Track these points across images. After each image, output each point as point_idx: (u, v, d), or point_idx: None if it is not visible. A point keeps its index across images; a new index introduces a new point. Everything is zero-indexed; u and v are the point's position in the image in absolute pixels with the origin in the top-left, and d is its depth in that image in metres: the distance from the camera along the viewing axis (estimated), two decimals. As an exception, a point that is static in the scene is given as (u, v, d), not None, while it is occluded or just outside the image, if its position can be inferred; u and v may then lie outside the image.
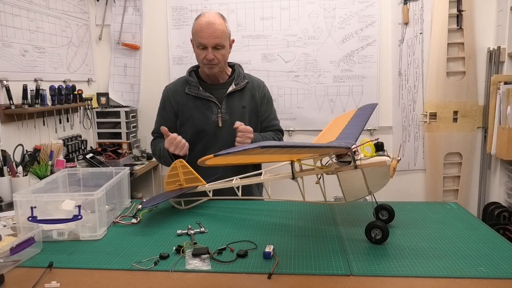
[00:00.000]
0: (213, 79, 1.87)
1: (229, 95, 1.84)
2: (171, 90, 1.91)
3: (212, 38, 1.73)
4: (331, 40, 3.09)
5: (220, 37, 1.74)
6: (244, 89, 1.88)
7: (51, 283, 0.99)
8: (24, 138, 2.31)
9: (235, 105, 1.84)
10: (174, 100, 1.88)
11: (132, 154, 3.09)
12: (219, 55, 1.77)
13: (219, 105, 1.83)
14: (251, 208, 1.53)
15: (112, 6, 3.20)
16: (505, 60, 2.85)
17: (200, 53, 1.77)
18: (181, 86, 1.89)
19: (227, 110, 1.83)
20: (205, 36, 1.73)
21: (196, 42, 1.78)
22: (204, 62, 1.78)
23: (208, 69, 1.80)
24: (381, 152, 1.23)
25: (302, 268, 1.04)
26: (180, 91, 1.88)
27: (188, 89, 1.85)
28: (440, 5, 2.95)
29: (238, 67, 1.93)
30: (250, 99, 1.88)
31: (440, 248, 1.15)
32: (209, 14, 1.78)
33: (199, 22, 1.76)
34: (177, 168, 1.51)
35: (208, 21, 1.73)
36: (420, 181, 3.19)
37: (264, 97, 1.93)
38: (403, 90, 3.11)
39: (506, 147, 2.71)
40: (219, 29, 1.74)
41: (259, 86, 1.94)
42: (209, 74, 1.83)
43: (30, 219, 1.23)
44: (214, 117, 1.82)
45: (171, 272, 1.04)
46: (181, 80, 1.93)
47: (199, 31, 1.74)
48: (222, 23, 1.76)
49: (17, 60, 2.31)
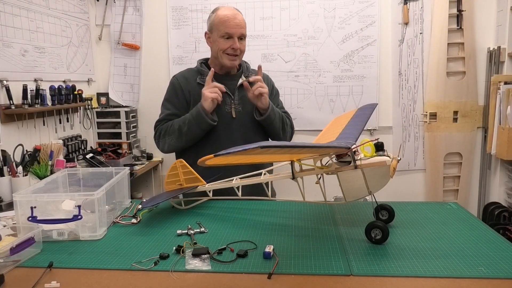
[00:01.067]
0: (224, 71, 1.88)
1: (240, 87, 1.85)
2: (182, 78, 1.88)
3: (239, 28, 1.77)
4: (331, 40, 3.09)
5: (244, 27, 1.80)
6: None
7: (51, 283, 0.99)
8: (24, 138, 2.31)
9: (247, 97, 1.83)
10: (186, 89, 1.85)
11: (132, 154, 3.09)
12: (242, 46, 1.81)
13: (232, 96, 1.83)
14: (251, 208, 1.53)
15: (112, 6, 3.20)
16: (505, 60, 2.85)
17: (225, 43, 1.78)
18: (192, 76, 1.88)
19: (239, 101, 1.83)
20: (232, 26, 1.76)
21: (220, 32, 1.78)
22: (227, 51, 1.79)
23: (230, 61, 1.81)
24: (381, 152, 1.23)
25: (302, 268, 1.04)
26: (192, 81, 1.86)
27: (200, 79, 1.84)
28: (440, 5, 2.95)
29: (244, 62, 1.96)
30: None
31: (440, 248, 1.14)
32: (229, 7, 1.83)
33: (223, 13, 1.78)
34: (177, 168, 1.51)
35: (233, 12, 1.78)
36: (420, 181, 3.19)
37: (272, 88, 1.97)
38: (403, 90, 3.11)
39: (506, 147, 2.71)
40: (243, 21, 1.80)
41: (266, 79, 1.97)
42: (229, 66, 1.84)
43: (30, 219, 1.23)
44: (228, 108, 1.82)
45: (171, 272, 1.04)
46: (191, 70, 1.92)
47: (226, 21, 1.76)
48: (242, 16, 1.82)
49: (17, 60, 2.31)
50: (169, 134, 1.80)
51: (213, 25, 1.81)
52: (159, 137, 1.85)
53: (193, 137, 1.76)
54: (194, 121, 1.72)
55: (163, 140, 1.83)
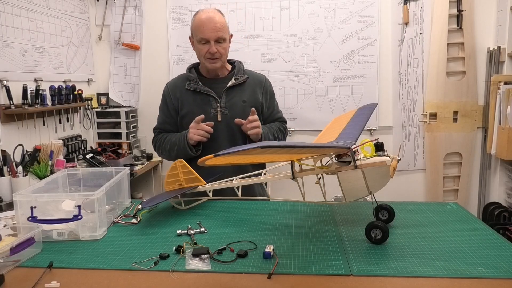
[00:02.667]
0: (213, 74, 1.88)
1: (229, 89, 1.84)
2: (171, 86, 1.93)
3: (214, 32, 1.75)
4: (331, 40, 3.09)
5: (221, 30, 1.77)
6: (244, 84, 1.89)
7: (51, 283, 0.99)
8: (24, 138, 2.31)
9: (235, 99, 1.84)
10: (174, 96, 1.89)
11: (132, 154, 3.09)
12: (221, 49, 1.79)
13: (218, 99, 1.83)
14: (251, 208, 1.53)
15: (112, 6, 3.20)
16: (505, 60, 2.85)
17: (202, 48, 1.78)
18: (181, 82, 1.90)
19: (226, 104, 1.83)
20: (207, 31, 1.74)
21: (197, 38, 1.79)
22: (206, 56, 1.79)
23: (211, 64, 1.81)
24: (381, 152, 1.23)
25: (302, 268, 1.04)
26: (180, 87, 1.89)
27: (188, 84, 1.86)
28: (440, 5, 2.95)
29: (239, 63, 1.95)
30: (251, 94, 1.88)
31: (440, 248, 1.14)
32: (208, 10, 1.81)
33: (199, 17, 1.78)
34: (177, 168, 1.51)
35: (208, 16, 1.76)
36: (420, 181, 3.19)
37: (266, 93, 1.95)
38: (403, 90, 3.11)
39: (506, 147, 2.71)
40: (220, 23, 1.77)
41: (261, 81, 1.94)
42: (211, 69, 1.84)
43: (30, 219, 1.23)
44: (213, 112, 1.82)
45: (171, 272, 1.04)
46: (181, 76, 1.95)
47: (200, 26, 1.76)
48: (221, 17, 1.80)
49: (17, 60, 2.31)
50: (162, 150, 1.91)
51: (192, 30, 1.83)
52: (155, 146, 1.97)
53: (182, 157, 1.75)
54: (181, 150, 1.78)
55: (158, 152, 1.96)
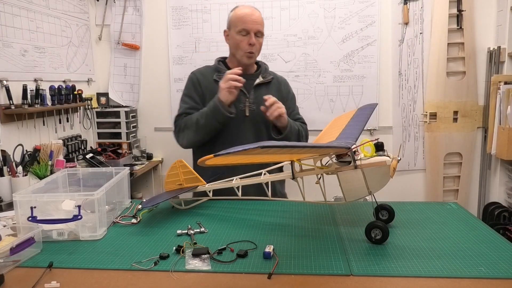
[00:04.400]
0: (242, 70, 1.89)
1: (256, 86, 1.87)
2: (199, 74, 1.93)
3: (255, 24, 1.81)
4: (331, 40, 3.09)
5: (261, 24, 1.84)
6: (270, 83, 1.93)
7: (51, 283, 0.99)
8: (24, 138, 2.31)
9: (262, 96, 1.85)
10: (203, 84, 1.88)
11: (132, 154, 3.09)
12: (258, 43, 1.84)
13: (247, 94, 1.84)
14: (251, 208, 1.53)
15: (112, 6, 3.20)
16: (505, 60, 2.85)
17: (242, 39, 1.82)
18: (210, 73, 1.91)
19: (254, 100, 1.85)
20: (249, 21, 1.80)
21: (237, 28, 1.82)
22: (245, 48, 1.82)
23: (248, 58, 1.84)
24: (381, 152, 1.23)
25: (302, 268, 1.04)
26: (209, 77, 1.89)
27: (217, 76, 1.87)
28: (440, 5, 2.95)
29: (263, 63, 1.99)
30: (276, 93, 1.90)
31: (440, 248, 1.14)
32: (248, 5, 1.90)
33: (241, 10, 1.84)
34: (177, 168, 1.51)
35: (251, 9, 1.84)
36: (420, 181, 3.19)
37: (289, 93, 1.99)
38: (403, 90, 3.11)
39: (506, 147, 2.71)
40: (260, 17, 1.84)
41: (284, 83, 2.01)
42: (246, 64, 1.86)
43: (30, 219, 1.23)
44: (241, 106, 1.83)
45: (171, 272, 1.04)
46: (209, 67, 1.96)
47: (243, 17, 1.81)
48: (260, 14, 1.87)
49: (17, 60, 2.31)
50: (187, 127, 1.80)
51: (231, 22, 1.86)
52: (178, 131, 1.86)
53: (211, 130, 1.77)
54: (211, 113, 1.72)
55: (182, 134, 1.84)
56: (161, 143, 3.29)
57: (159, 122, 3.27)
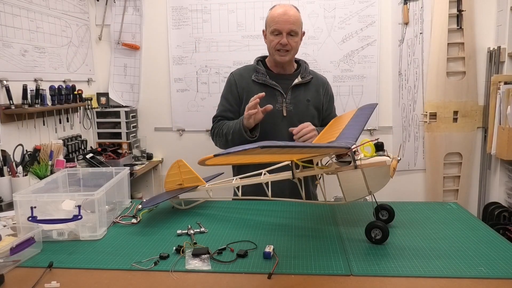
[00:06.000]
0: (280, 70, 1.91)
1: (294, 87, 1.88)
2: (237, 75, 1.95)
3: (287, 24, 1.80)
4: (331, 40, 3.09)
5: (294, 23, 1.81)
6: (309, 84, 1.93)
7: (51, 283, 0.99)
8: (24, 138, 2.31)
9: (300, 97, 1.87)
10: (240, 86, 1.90)
11: (132, 154, 3.09)
12: (292, 42, 1.83)
13: (284, 95, 1.86)
14: (251, 208, 1.53)
15: (112, 6, 3.20)
16: (505, 60, 2.85)
17: (274, 39, 1.83)
18: (248, 73, 1.93)
19: (292, 101, 1.86)
20: (281, 22, 1.79)
21: (270, 29, 1.83)
22: (277, 47, 1.82)
23: (280, 56, 1.84)
24: (381, 152, 1.23)
25: (302, 268, 1.04)
26: (247, 78, 1.91)
27: (255, 76, 1.88)
28: (440, 5, 2.95)
29: (304, 62, 1.99)
30: (315, 93, 1.92)
31: (440, 248, 1.15)
32: (284, 4, 1.88)
33: (275, 10, 1.84)
34: (177, 168, 1.51)
35: (284, 9, 1.82)
36: (420, 181, 3.19)
37: (327, 94, 1.99)
38: (403, 90, 3.11)
39: (506, 147, 2.71)
40: (294, 16, 1.82)
41: (324, 83, 2.00)
42: (279, 62, 1.87)
43: (30, 219, 1.23)
44: (279, 106, 1.84)
45: (171, 272, 1.04)
46: (248, 67, 1.97)
47: (275, 17, 1.81)
48: (296, 12, 1.85)
49: (17, 60, 2.31)
50: (219, 136, 1.88)
51: (266, 22, 1.88)
52: (212, 135, 1.95)
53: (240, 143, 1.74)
54: (237, 134, 1.76)
55: (215, 140, 1.94)
56: (161, 143, 3.29)
57: (159, 122, 3.26)
